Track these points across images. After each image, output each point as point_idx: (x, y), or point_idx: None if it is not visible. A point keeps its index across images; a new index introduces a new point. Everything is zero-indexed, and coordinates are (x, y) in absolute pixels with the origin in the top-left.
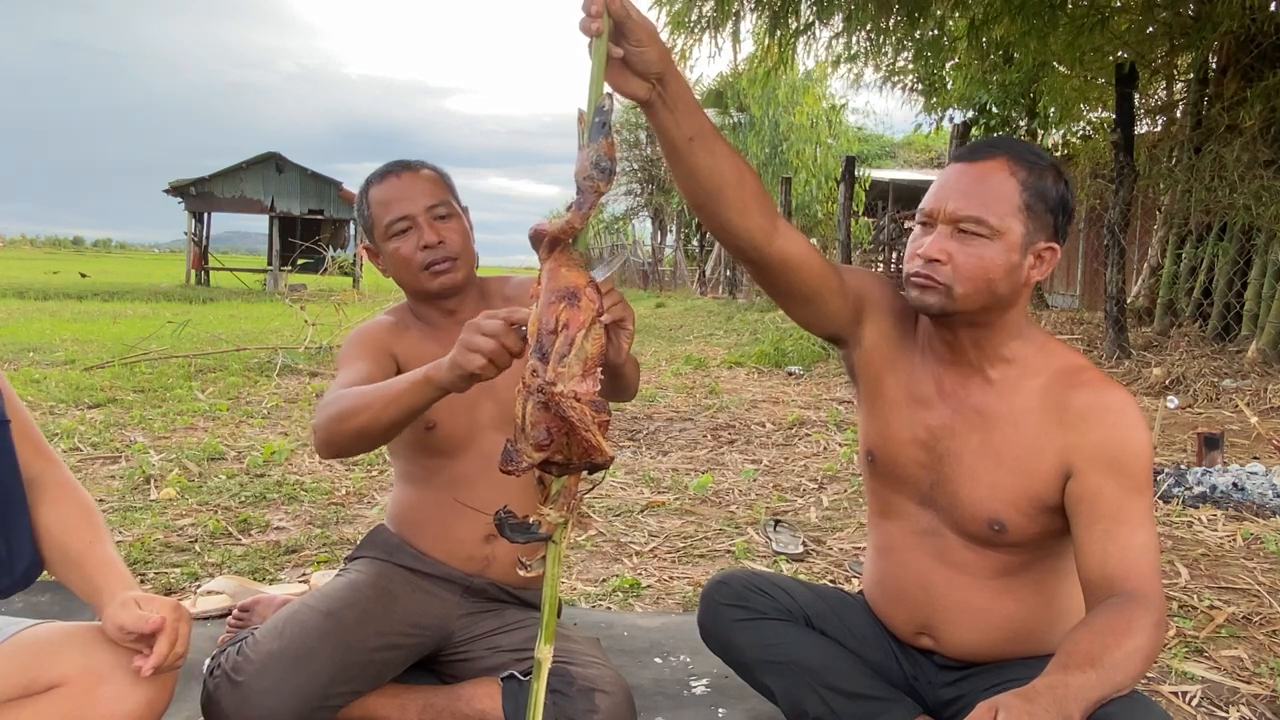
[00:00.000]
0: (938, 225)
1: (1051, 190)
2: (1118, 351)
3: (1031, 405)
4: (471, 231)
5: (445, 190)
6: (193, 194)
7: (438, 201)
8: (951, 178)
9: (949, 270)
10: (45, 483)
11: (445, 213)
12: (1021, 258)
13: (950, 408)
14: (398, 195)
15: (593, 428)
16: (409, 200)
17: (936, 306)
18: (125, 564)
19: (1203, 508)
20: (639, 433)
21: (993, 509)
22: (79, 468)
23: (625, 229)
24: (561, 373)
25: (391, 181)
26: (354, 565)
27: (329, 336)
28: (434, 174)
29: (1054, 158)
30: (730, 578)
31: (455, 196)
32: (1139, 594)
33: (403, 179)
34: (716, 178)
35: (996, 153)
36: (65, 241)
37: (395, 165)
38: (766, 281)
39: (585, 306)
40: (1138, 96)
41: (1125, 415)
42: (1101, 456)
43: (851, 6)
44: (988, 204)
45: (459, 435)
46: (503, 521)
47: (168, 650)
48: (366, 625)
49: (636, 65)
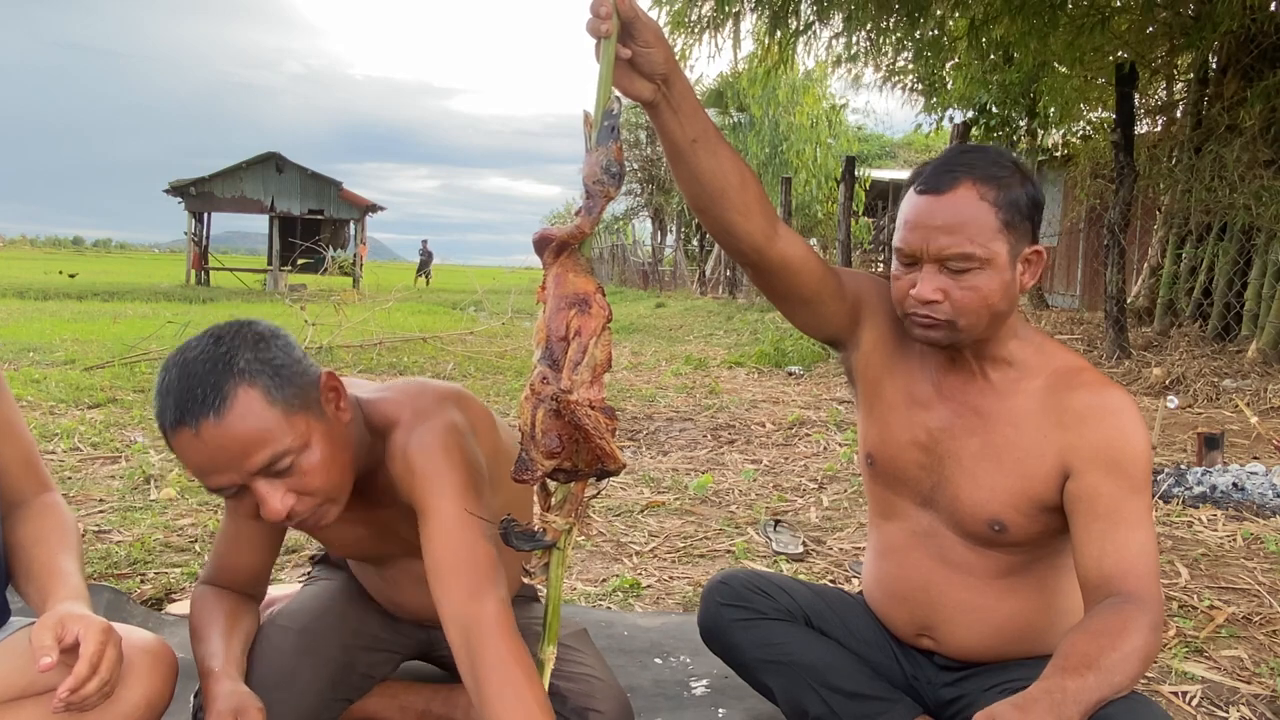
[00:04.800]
0: (924, 264)
1: (1022, 197)
2: (1118, 351)
3: (1030, 406)
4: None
5: (280, 421)
6: (193, 194)
7: (270, 457)
8: (924, 214)
9: (947, 307)
10: (32, 504)
11: (286, 461)
12: (1012, 273)
13: (949, 409)
14: (208, 463)
15: (607, 435)
16: (226, 466)
17: (945, 341)
18: (84, 581)
19: (1203, 508)
20: (639, 433)
21: (993, 510)
22: (79, 468)
23: (625, 229)
24: (575, 380)
25: (187, 440)
26: (320, 571)
27: (329, 336)
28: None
29: (1012, 157)
30: (730, 578)
31: (301, 406)
32: (1136, 594)
33: (202, 438)
34: (719, 179)
35: (959, 176)
36: (65, 241)
37: (179, 415)
38: (766, 284)
39: (596, 313)
40: (1138, 96)
41: (1123, 416)
42: (1100, 457)
43: (851, 6)
44: (970, 236)
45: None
46: (508, 529)
47: (87, 674)
48: (343, 629)
49: (643, 66)
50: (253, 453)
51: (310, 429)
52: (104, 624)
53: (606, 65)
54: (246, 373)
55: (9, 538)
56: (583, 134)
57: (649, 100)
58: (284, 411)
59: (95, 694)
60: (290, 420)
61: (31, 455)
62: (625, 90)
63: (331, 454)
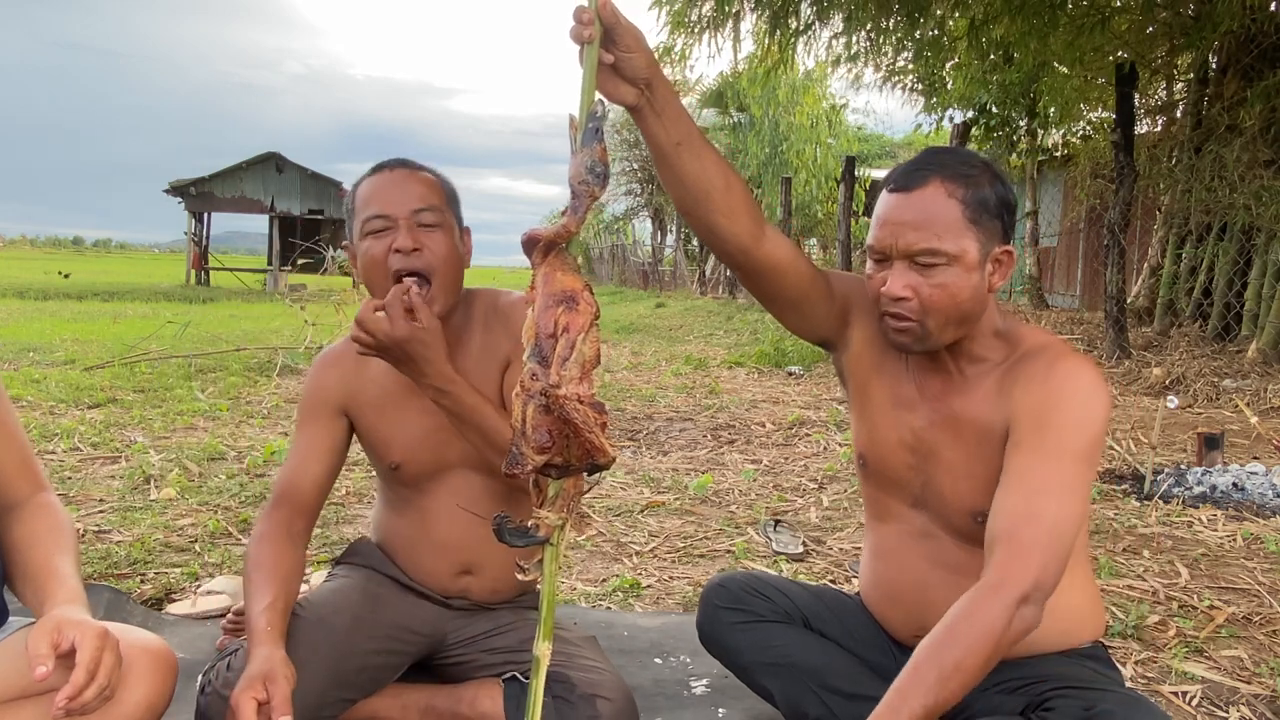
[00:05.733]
0: (894, 261)
1: (991, 197)
2: (1118, 351)
3: (990, 390)
4: (466, 254)
5: (440, 197)
6: (193, 194)
7: (426, 206)
8: (893, 211)
9: (916, 304)
10: (28, 505)
11: (433, 221)
12: (981, 272)
13: (930, 408)
14: (384, 192)
15: (596, 429)
16: (395, 199)
17: (915, 346)
18: (81, 583)
19: (1203, 508)
20: (639, 433)
21: (974, 500)
22: (79, 468)
23: (625, 229)
24: (564, 375)
25: (383, 176)
26: (340, 571)
27: (329, 336)
28: (433, 178)
29: (983, 158)
30: (728, 580)
31: (454, 209)
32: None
33: (395, 175)
34: (704, 182)
35: (929, 175)
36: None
37: (393, 161)
38: (754, 286)
39: (584, 310)
40: (1138, 96)
41: (1067, 382)
42: (1028, 416)
43: (851, 6)
44: (937, 232)
45: (425, 473)
46: (501, 526)
47: (84, 681)
48: (357, 632)
49: (625, 71)
50: (421, 198)
51: (449, 226)
52: (100, 629)
53: (590, 69)
54: (438, 172)
55: (5, 538)
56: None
57: (633, 104)
58: (445, 194)
59: (94, 699)
60: (446, 201)
61: (26, 455)
62: (609, 95)
63: (452, 252)
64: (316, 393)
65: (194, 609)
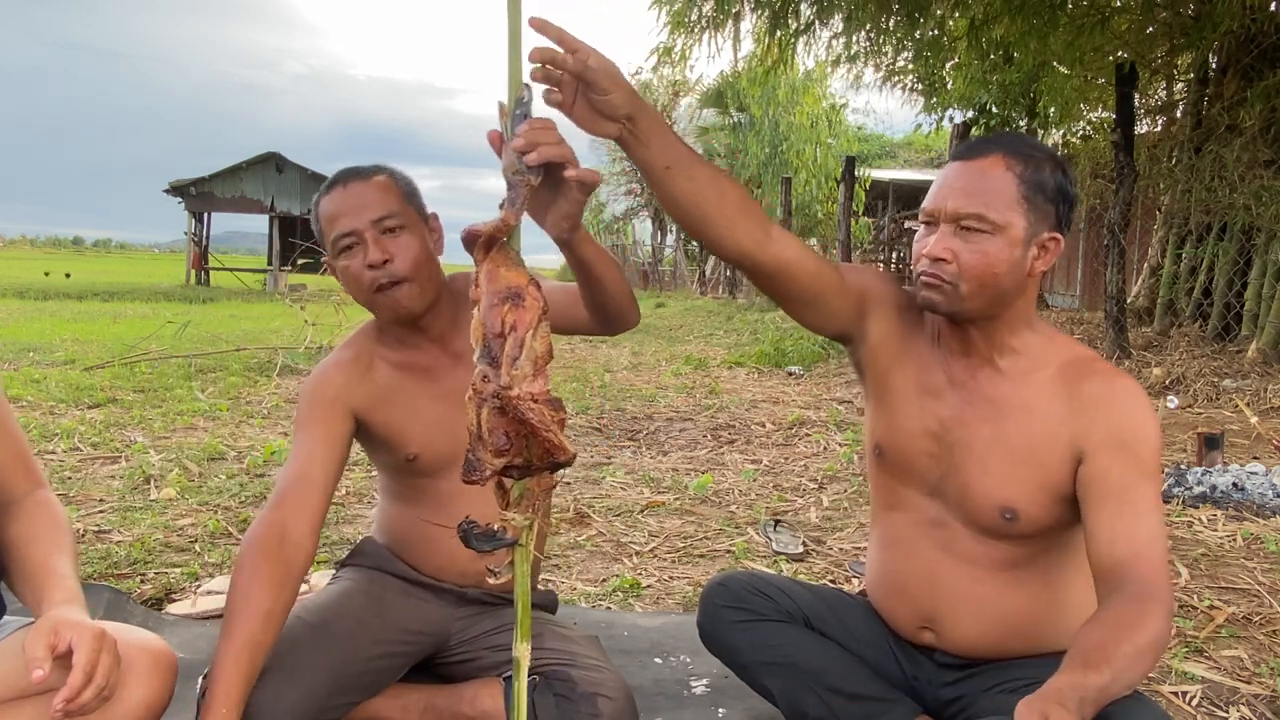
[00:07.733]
0: (940, 224)
1: (1050, 181)
2: (1118, 351)
3: (1043, 395)
4: (438, 242)
5: (398, 199)
6: (192, 194)
7: (385, 214)
8: (950, 176)
9: (954, 268)
10: (25, 502)
11: (395, 225)
12: (1024, 251)
13: (961, 398)
14: (343, 209)
15: (553, 427)
16: (354, 214)
17: (944, 306)
18: (79, 581)
19: (1203, 508)
20: (639, 433)
21: (1005, 497)
22: (79, 468)
23: (625, 229)
24: (515, 375)
25: (337, 193)
26: (345, 573)
27: (329, 336)
28: (386, 180)
29: (1052, 150)
30: (729, 580)
31: (414, 204)
32: (1147, 582)
33: (349, 190)
34: (699, 200)
35: (993, 149)
36: (65, 241)
37: (344, 174)
38: (766, 287)
39: (530, 305)
40: (1138, 96)
41: (1135, 400)
42: (1111, 440)
43: (851, 6)
44: (987, 200)
45: (442, 459)
46: (467, 532)
47: (81, 683)
48: (361, 634)
49: (604, 110)
50: (379, 205)
51: (414, 224)
52: (97, 629)
53: (515, 52)
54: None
55: (2, 535)
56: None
57: (617, 137)
58: (401, 193)
59: (92, 700)
60: (403, 200)
61: (23, 452)
62: (592, 131)
63: (422, 250)
64: (323, 393)
65: (194, 609)
